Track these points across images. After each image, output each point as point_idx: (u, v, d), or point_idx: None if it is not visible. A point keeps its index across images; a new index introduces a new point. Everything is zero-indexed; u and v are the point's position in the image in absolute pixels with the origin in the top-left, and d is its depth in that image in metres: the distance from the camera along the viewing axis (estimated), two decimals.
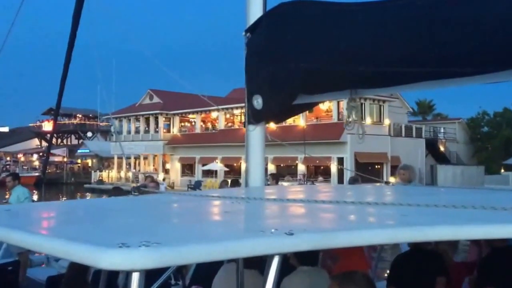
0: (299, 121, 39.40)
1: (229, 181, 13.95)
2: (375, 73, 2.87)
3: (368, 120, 38.58)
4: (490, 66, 2.51)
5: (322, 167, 39.95)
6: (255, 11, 3.62)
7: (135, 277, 1.19)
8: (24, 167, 70.48)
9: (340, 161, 36.90)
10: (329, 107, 39.84)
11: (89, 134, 75.87)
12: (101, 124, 75.59)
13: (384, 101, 40.86)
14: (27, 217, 2.10)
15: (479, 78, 2.65)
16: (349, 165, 35.57)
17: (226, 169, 42.32)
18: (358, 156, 36.88)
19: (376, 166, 39.53)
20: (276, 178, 11.82)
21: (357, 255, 4.61)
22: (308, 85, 3.30)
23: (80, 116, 78.14)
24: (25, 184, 10.12)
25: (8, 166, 72.65)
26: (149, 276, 1.28)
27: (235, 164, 40.48)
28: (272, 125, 33.56)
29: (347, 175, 32.40)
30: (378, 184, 7.41)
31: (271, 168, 40.22)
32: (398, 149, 39.65)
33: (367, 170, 35.91)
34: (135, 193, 2.87)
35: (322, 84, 3.27)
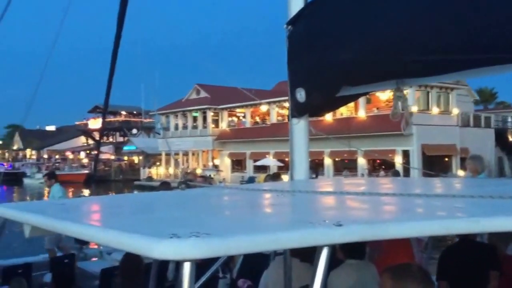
0: (358, 112, 37.63)
1: (272, 175, 14.02)
2: (423, 61, 2.79)
3: (435, 110, 36.68)
4: None
5: (382, 161, 37.35)
6: (296, 3, 3.60)
7: (187, 267, 1.22)
8: (73, 165, 72.09)
9: (406, 154, 34.85)
10: (389, 97, 37.99)
11: (134, 131, 77.02)
12: (145, 120, 76.84)
13: (451, 89, 38.34)
14: (81, 210, 2.19)
15: None
16: (415, 158, 33.71)
17: (280, 164, 40.53)
18: (425, 148, 34.71)
19: (445, 159, 37.35)
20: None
21: (403, 248, 4.52)
22: (352, 76, 3.25)
23: (124, 113, 78.73)
24: (75, 181, 10.57)
25: (57, 164, 74.45)
26: (198, 269, 1.30)
27: (287, 159, 38.59)
28: (328, 117, 33.04)
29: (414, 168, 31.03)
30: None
31: (328, 162, 38.68)
32: (467, 140, 37.10)
33: (435, 163, 34.05)
34: (182, 187, 2.92)
35: (366, 74, 3.21)
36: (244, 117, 51.10)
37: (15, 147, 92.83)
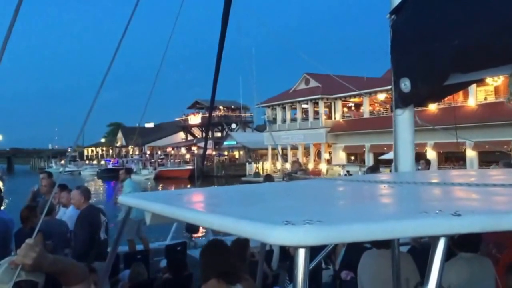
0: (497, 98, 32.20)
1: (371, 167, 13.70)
2: None
3: None
4: None
5: None
6: None
7: (301, 253, 1.24)
8: (176, 160, 72.53)
9: None
10: None
11: (233, 125, 77.42)
12: (243, 115, 77.09)
13: None
14: (197, 200, 2.34)
15: None
16: None
17: None
18: None
19: None
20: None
21: None
22: (462, 62, 3.11)
23: (223, 108, 77.35)
24: (179, 177, 11.11)
25: (161, 160, 75.08)
26: None
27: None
28: (471, 103, 29.08)
29: None
30: None
31: (471, 154, 33.94)
32: None
33: None
34: (286, 179, 3.00)
35: (478, 60, 3.04)
36: (356, 107, 47.13)
37: (118, 144, 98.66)
